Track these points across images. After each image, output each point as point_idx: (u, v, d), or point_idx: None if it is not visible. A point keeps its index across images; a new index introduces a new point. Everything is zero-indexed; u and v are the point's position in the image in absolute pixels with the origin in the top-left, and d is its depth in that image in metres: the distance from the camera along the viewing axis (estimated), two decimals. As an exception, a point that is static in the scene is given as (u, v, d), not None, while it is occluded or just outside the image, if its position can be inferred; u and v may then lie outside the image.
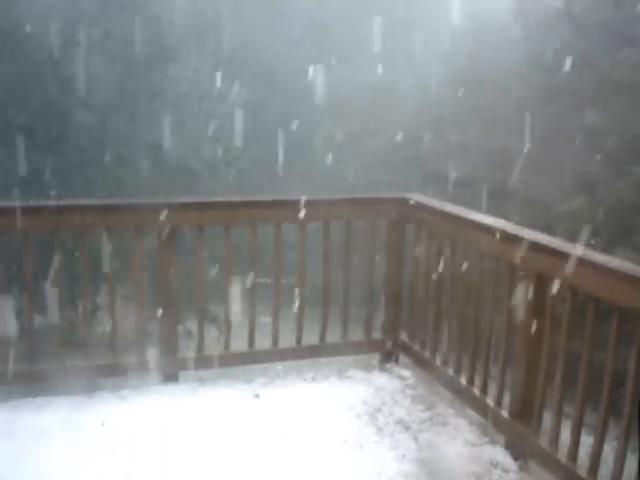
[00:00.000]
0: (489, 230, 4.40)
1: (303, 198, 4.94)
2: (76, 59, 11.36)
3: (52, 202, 4.64)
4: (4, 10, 10.25)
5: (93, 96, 11.67)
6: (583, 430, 3.74)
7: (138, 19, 11.97)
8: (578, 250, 3.72)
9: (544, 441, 3.99)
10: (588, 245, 3.92)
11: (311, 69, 12.94)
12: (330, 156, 12.42)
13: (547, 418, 3.98)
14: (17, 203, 4.50)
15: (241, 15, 15.61)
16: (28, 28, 11.07)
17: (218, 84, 12.72)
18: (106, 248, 4.76)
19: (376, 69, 13.84)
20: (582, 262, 3.65)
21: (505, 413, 4.32)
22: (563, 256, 3.75)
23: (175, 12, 13.13)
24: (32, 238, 4.73)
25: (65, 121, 11.46)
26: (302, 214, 4.95)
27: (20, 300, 5.04)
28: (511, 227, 4.37)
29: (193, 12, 14.33)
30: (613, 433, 3.56)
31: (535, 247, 4.02)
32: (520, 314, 4.16)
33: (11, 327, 4.73)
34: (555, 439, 3.90)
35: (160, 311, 4.85)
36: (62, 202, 4.57)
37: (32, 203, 4.74)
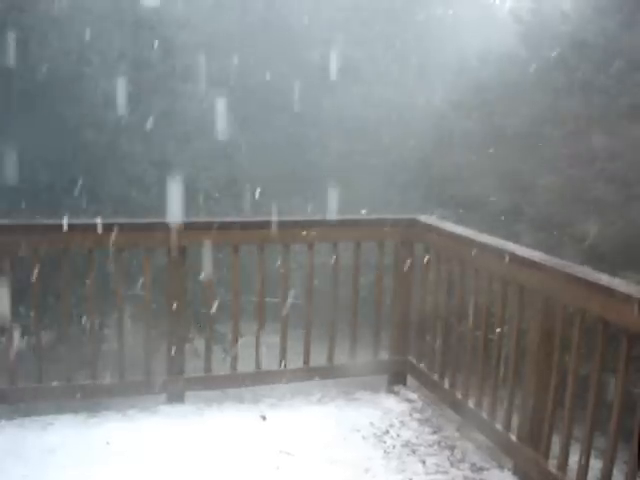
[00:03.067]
0: (498, 252, 4.39)
1: (312, 219, 4.95)
2: (86, 78, 11.45)
3: (61, 221, 4.64)
4: (15, 27, 10.34)
5: (102, 115, 11.73)
6: (592, 453, 3.71)
7: (149, 39, 12.07)
8: (587, 273, 3.71)
9: (553, 465, 3.95)
10: (598, 269, 3.91)
11: (319, 89, 13.02)
12: (338, 176, 12.44)
13: (556, 442, 3.95)
14: (25, 221, 4.52)
15: (252, 35, 15.72)
16: (39, 46, 11.16)
17: (228, 103, 12.78)
18: (115, 267, 4.78)
19: (384, 90, 13.90)
20: (591, 285, 3.64)
21: (513, 437, 4.28)
22: (572, 279, 3.74)
23: (186, 32, 13.21)
24: (40, 256, 4.73)
25: (74, 140, 11.51)
26: (311, 235, 4.95)
27: (28, 318, 5.05)
28: (520, 250, 4.36)
29: (204, 32, 14.43)
30: (622, 456, 3.52)
31: (544, 270, 4.00)
32: (529, 337, 4.14)
33: (18, 344, 4.74)
34: (564, 463, 3.86)
35: (167, 331, 4.85)
36: (71, 221, 4.57)
37: (40, 221, 4.75)
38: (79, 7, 11.78)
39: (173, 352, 4.88)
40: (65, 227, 4.54)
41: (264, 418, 4.78)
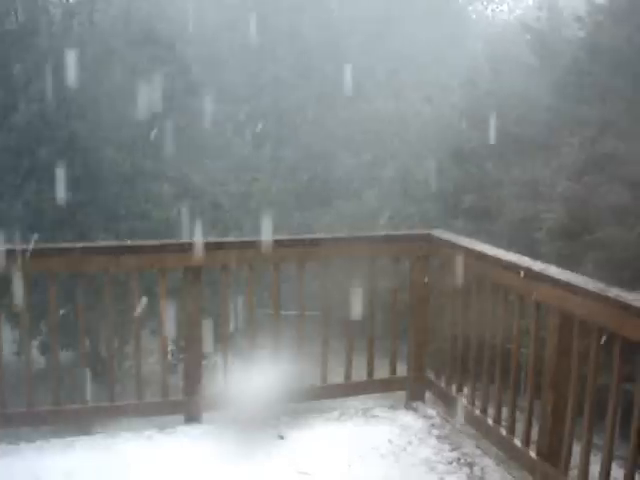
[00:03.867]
0: (514, 268, 4.37)
1: (327, 236, 4.95)
2: (102, 97, 11.56)
3: (77, 244, 4.68)
4: (30, 49, 10.46)
5: (119, 133, 11.83)
6: (615, 463, 3.67)
7: (165, 56, 12.16)
8: (602, 288, 3.68)
9: (573, 481, 3.92)
10: (618, 275, 3.89)
11: (332, 103, 13.05)
12: (351, 188, 12.46)
13: (577, 453, 3.91)
14: (43, 245, 4.55)
15: (265, 51, 15.80)
16: (54, 67, 11.28)
17: (242, 119, 12.87)
18: (132, 287, 4.80)
19: (396, 102, 13.91)
20: (606, 300, 3.61)
21: (533, 453, 4.25)
22: (587, 294, 3.72)
23: (200, 48, 13.30)
24: (57, 277, 4.77)
25: (91, 158, 11.62)
26: (325, 252, 4.95)
27: (46, 339, 5.08)
28: (536, 265, 4.34)
29: (217, 48, 14.52)
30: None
31: (559, 285, 3.98)
32: (546, 352, 4.12)
33: (37, 366, 4.77)
34: (584, 479, 3.83)
35: (184, 351, 4.86)
36: (87, 244, 4.61)
37: (57, 245, 4.79)
38: (93, 28, 11.91)
39: (190, 373, 4.88)
40: (79, 250, 4.57)
41: (282, 437, 4.77)
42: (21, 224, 10.90)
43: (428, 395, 5.44)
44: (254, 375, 5.09)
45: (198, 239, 5.02)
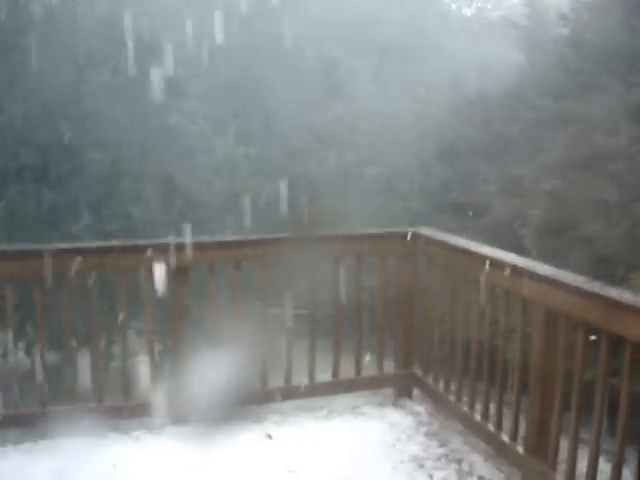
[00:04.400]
0: (499, 264, 4.38)
1: (312, 234, 4.95)
2: (86, 97, 11.50)
3: (62, 245, 4.66)
4: (14, 49, 10.40)
5: (103, 133, 11.78)
6: (602, 457, 3.69)
7: (148, 55, 12.10)
8: (586, 284, 3.70)
9: (561, 476, 3.93)
10: (605, 271, 3.91)
11: (317, 101, 13.04)
12: (337, 187, 12.47)
13: (564, 448, 3.93)
14: (27, 247, 4.53)
15: (250, 49, 15.77)
16: (38, 67, 11.20)
17: (226, 117, 12.84)
18: (117, 288, 4.78)
19: (379, 100, 13.92)
20: (592, 296, 3.63)
21: (520, 449, 4.27)
22: (572, 290, 3.74)
23: (185, 47, 13.24)
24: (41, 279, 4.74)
25: (75, 159, 11.56)
26: (312, 251, 4.95)
27: (31, 339, 5.06)
28: (521, 261, 4.36)
29: (202, 46, 14.47)
30: (633, 459, 3.51)
31: (544, 281, 4.00)
32: (533, 348, 4.14)
33: (22, 367, 4.74)
34: (572, 473, 3.85)
35: (170, 352, 4.85)
36: (72, 245, 4.59)
37: (42, 246, 4.76)
38: (75, 27, 11.85)
39: (177, 372, 4.87)
40: (61, 251, 4.56)
41: (270, 437, 4.77)
42: (4, 226, 10.83)
43: (416, 392, 5.46)
44: (241, 374, 5.09)
45: (184, 239, 5.01)
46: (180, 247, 4.83)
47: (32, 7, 12.69)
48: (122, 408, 4.88)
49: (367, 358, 5.45)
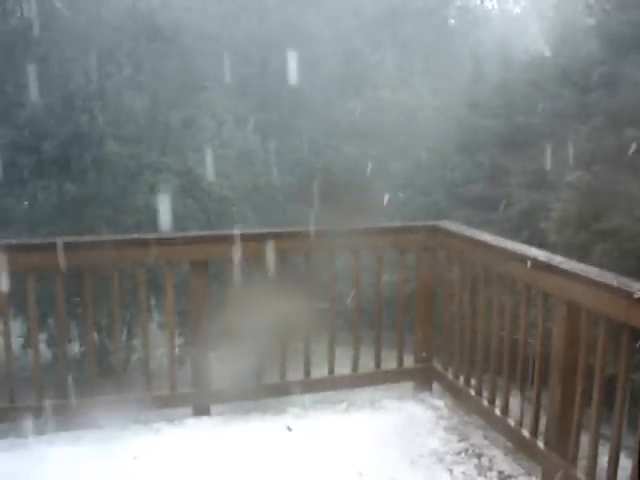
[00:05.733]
0: (520, 258, 4.35)
1: (332, 228, 4.94)
2: (107, 92, 11.55)
3: (84, 238, 4.69)
4: (36, 44, 10.47)
5: (124, 127, 11.83)
6: (623, 453, 3.66)
7: (169, 50, 12.14)
8: (608, 278, 3.66)
9: (581, 472, 3.91)
10: (628, 265, 3.87)
11: (338, 94, 13.01)
12: (358, 181, 12.45)
13: (585, 444, 3.90)
14: (50, 240, 4.56)
15: (270, 43, 15.76)
16: (59, 62, 11.28)
17: (248, 112, 12.85)
18: (139, 280, 4.80)
19: (402, 93, 13.87)
20: (614, 290, 3.60)
21: (541, 444, 4.24)
22: (593, 284, 3.70)
23: (204, 41, 13.27)
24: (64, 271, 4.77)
25: (96, 153, 11.64)
26: (331, 244, 4.94)
27: (54, 332, 5.09)
28: (543, 255, 4.32)
29: (222, 41, 14.49)
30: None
31: (566, 275, 3.96)
32: (554, 342, 4.11)
33: (43, 358, 4.77)
34: (592, 469, 3.82)
35: (192, 344, 4.87)
36: (94, 238, 4.61)
37: (63, 239, 4.79)
38: (97, 22, 11.90)
39: (198, 365, 4.90)
40: (86, 244, 4.58)
41: (290, 429, 4.78)
42: (27, 219, 10.92)
43: (436, 386, 5.43)
44: (261, 367, 5.10)
45: (204, 232, 5.02)
46: (200, 240, 4.85)
47: (56, 3, 12.77)
48: (143, 400, 4.90)
49: (386, 352, 5.44)
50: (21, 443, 4.56)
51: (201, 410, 4.96)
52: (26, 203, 10.92)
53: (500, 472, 4.30)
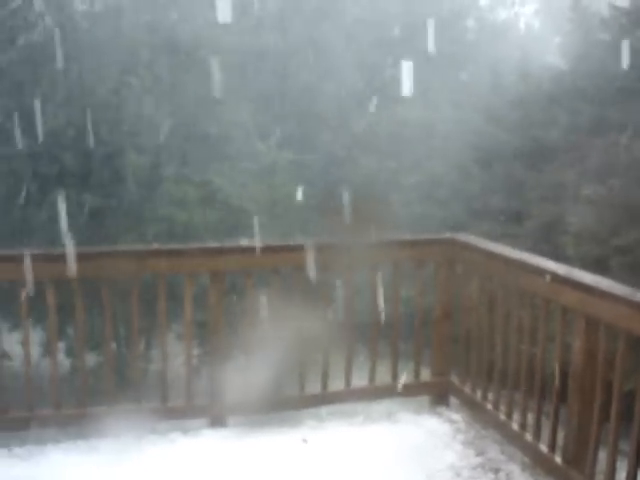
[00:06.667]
0: (539, 271, 4.34)
1: (350, 240, 4.95)
2: (127, 102, 11.63)
3: (104, 248, 4.74)
4: (56, 57, 10.56)
5: (144, 138, 11.90)
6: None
7: (189, 61, 12.22)
8: (628, 292, 3.65)
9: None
10: None
11: (357, 107, 13.05)
12: (376, 194, 12.46)
13: (603, 459, 3.88)
14: (69, 249, 4.59)
15: (290, 55, 15.83)
16: (79, 72, 11.37)
17: (266, 123, 12.91)
18: (157, 292, 4.83)
19: (419, 106, 13.88)
20: (633, 305, 3.58)
21: (559, 459, 4.22)
22: (613, 299, 3.69)
23: (223, 54, 13.33)
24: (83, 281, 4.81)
25: (116, 163, 11.71)
26: (349, 256, 4.95)
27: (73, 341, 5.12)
28: (562, 269, 4.31)
29: (241, 53, 14.57)
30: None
31: (585, 289, 3.95)
32: (572, 356, 4.09)
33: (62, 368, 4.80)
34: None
35: (209, 355, 4.88)
36: (114, 248, 4.65)
37: (84, 249, 4.83)
38: (116, 35, 12.01)
39: (214, 376, 4.91)
40: (106, 254, 4.62)
41: (305, 441, 4.78)
42: (47, 229, 10.98)
43: (453, 400, 5.42)
44: (278, 379, 5.10)
45: (223, 244, 5.05)
46: (218, 251, 4.87)
47: (75, 14, 12.89)
48: (159, 410, 4.92)
49: (403, 365, 5.43)
50: (39, 451, 4.59)
51: (217, 421, 4.97)
52: (46, 213, 11.01)
53: (517, 487, 4.28)
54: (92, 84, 11.59)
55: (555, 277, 4.20)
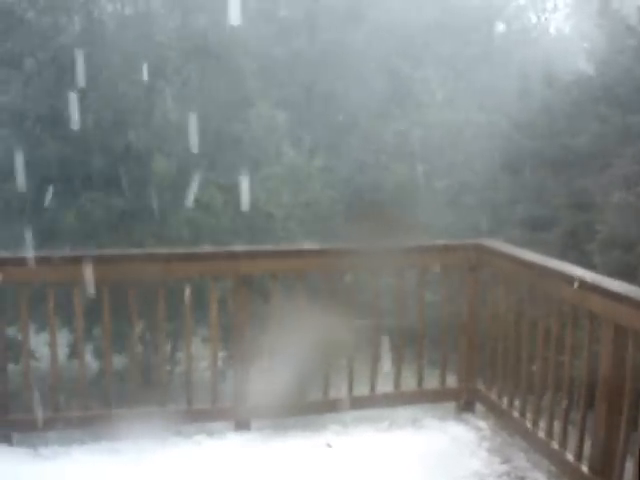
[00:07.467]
0: (567, 278, 4.30)
1: (376, 246, 4.93)
2: (156, 106, 11.72)
3: (131, 251, 4.77)
4: (87, 60, 10.67)
5: (172, 142, 11.98)
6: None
7: (218, 66, 12.29)
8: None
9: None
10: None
11: (384, 112, 13.05)
12: (404, 199, 12.44)
13: (630, 469, 3.83)
14: (97, 252, 4.63)
15: (317, 61, 15.86)
16: (109, 78, 11.49)
17: (296, 129, 12.95)
18: (185, 294, 4.85)
19: (446, 112, 13.84)
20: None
21: (585, 468, 4.17)
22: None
23: (252, 58, 13.39)
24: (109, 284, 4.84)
25: (144, 166, 11.80)
26: (375, 262, 4.94)
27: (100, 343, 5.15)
28: (590, 276, 4.26)
29: (270, 58, 14.63)
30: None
31: (613, 297, 3.91)
32: (600, 365, 4.04)
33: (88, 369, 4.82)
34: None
35: (234, 358, 4.89)
36: (141, 252, 4.68)
37: (111, 252, 4.87)
38: (146, 38, 12.10)
39: (239, 380, 4.92)
40: (132, 258, 4.65)
41: (330, 446, 4.76)
42: (74, 231, 11.09)
43: (479, 407, 5.37)
44: (302, 383, 5.10)
45: (249, 247, 5.06)
46: (245, 255, 4.88)
47: (105, 19, 13.02)
48: (184, 413, 4.93)
49: (429, 371, 5.40)
50: (64, 451, 4.62)
51: (242, 424, 4.97)
52: (74, 216, 11.12)
53: (543, 496, 4.24)
54: (121, 88, 11.68)
55: (583, 284, 4.16)
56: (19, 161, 10.81)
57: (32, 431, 4.73)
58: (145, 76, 11.59)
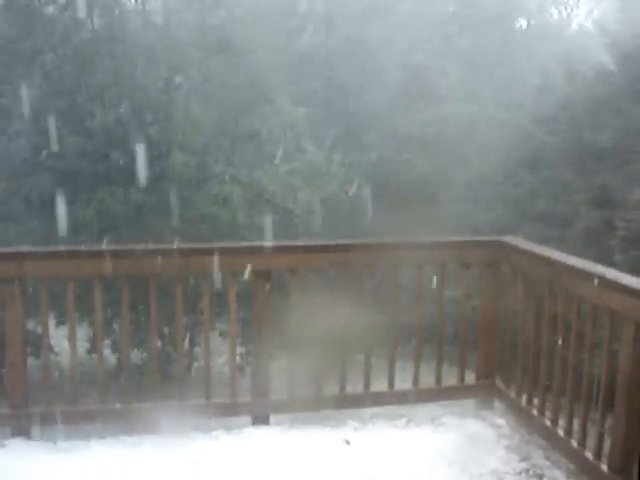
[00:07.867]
0: (587, 276, 4.27)
1: (396, 241, 4.92)
2: (175, 102, 11.74)
3: (149, 246, 4.77)
4: (107, 56, 10.72)
5: (191, 137, 12.01)
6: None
7: (237, 62, 12.29)
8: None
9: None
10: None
11: (403, 107, 13.00)
12: (423, 193, 12.39)
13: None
14: (115, 247, 4.65)
15: (336, 56, 15.83)
16: (129, 72, 11.52)
17: (315, 124, 12.93)
18: (203, 288, 4.86)
19: (466, 106, 13.78)
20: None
21: (604, 467, 4.13)
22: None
23: (271, 54, 13.39)
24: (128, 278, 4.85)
25: (163, 162, 11.83)
26: (394, 258, 4.92)
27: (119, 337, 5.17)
28: (610, 273, 4.22)
29: (289, 54, 14.62)
30: None
31: (633, 294, 3.87)
32: (620, 363, 4.01)
33: (108, 364, 4.84)
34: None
35: (253, 353, 4.89)
36: (159, 246, 4.69)
37: (130, 247, 4.88)
38: (166, 34, 12.13)
39: (258, 375, 4.92)
40: (151, 253, 4.66)
41: (348, 442, 4.76)
42: (93, 226, 11.15)
43: (497, 404, 5.35)
44: (321, 378, 5.09)
45: (268, 242, 5.06)
46: (263, 250, 4.88)
47: (126, 16, 13.06)
48: (202, 407, 4.94)
49: (447, 368, 5.37)
50: (83, 445, 4.64)
51: (260, 419, 4.98)
52: (94, 210, 11.18)
53: (562, 494, 4.21)
54: (142, 83, 11.73)
55: (603, 281, 4.12)
56: (39, 156, 10.87)
57: (51, 425, 4.76)
58: (165, 72, 11.63)
